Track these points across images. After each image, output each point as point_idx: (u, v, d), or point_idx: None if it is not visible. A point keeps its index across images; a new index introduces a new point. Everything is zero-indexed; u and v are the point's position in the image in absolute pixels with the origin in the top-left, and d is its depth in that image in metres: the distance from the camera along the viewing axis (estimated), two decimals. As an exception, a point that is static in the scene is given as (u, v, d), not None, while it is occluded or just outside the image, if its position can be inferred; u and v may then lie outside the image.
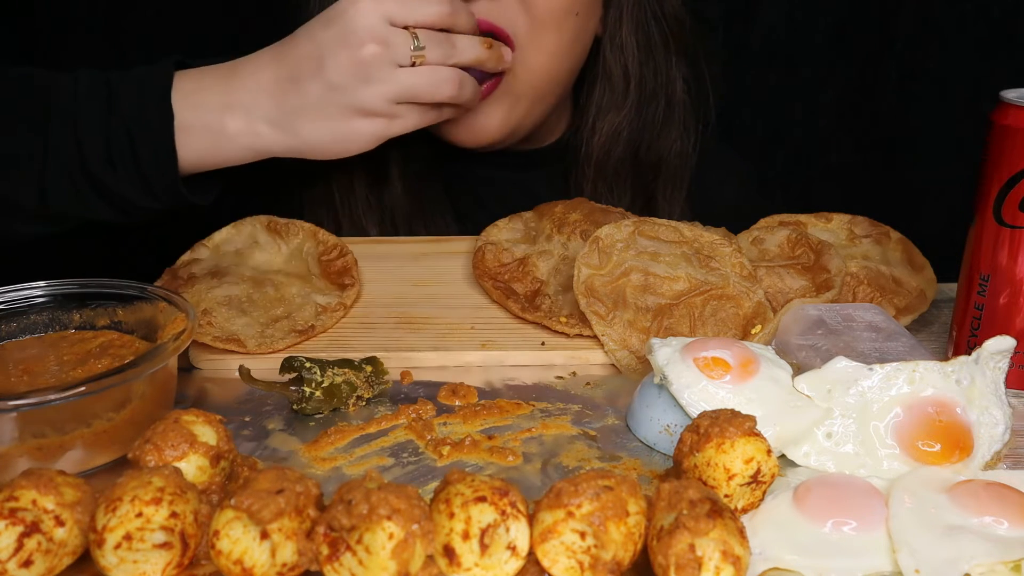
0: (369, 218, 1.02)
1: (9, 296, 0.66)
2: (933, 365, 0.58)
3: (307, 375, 0.65)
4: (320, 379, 0.65)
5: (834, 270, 0.77)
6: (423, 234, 1.03)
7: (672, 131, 1.06)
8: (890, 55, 1.58)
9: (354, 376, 0.66)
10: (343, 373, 0.66)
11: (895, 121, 1.62)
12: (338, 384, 0.65)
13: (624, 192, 1.06)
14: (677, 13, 1.03)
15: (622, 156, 1.04)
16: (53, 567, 0.46)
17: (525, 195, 0.96)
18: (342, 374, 0.66)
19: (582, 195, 1.03)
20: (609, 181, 1.05)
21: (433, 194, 1.05)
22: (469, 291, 0.84)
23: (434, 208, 1.05)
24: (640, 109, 1.03)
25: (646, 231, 0.79)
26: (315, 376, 0.65)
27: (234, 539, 0.45)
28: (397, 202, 1.03)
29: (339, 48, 0.79)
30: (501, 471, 0.59)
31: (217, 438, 0.53)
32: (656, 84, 1.03)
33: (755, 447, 0.51)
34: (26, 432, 0.55)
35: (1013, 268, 0.65)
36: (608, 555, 0.45)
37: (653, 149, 1.05)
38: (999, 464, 0.58)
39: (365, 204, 1.02)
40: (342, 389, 0.65)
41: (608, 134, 1.03)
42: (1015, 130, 0.63)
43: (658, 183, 1.07)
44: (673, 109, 1.05)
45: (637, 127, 1.04)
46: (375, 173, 1.02)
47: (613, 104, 1.03)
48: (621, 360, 0.72)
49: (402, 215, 1.03)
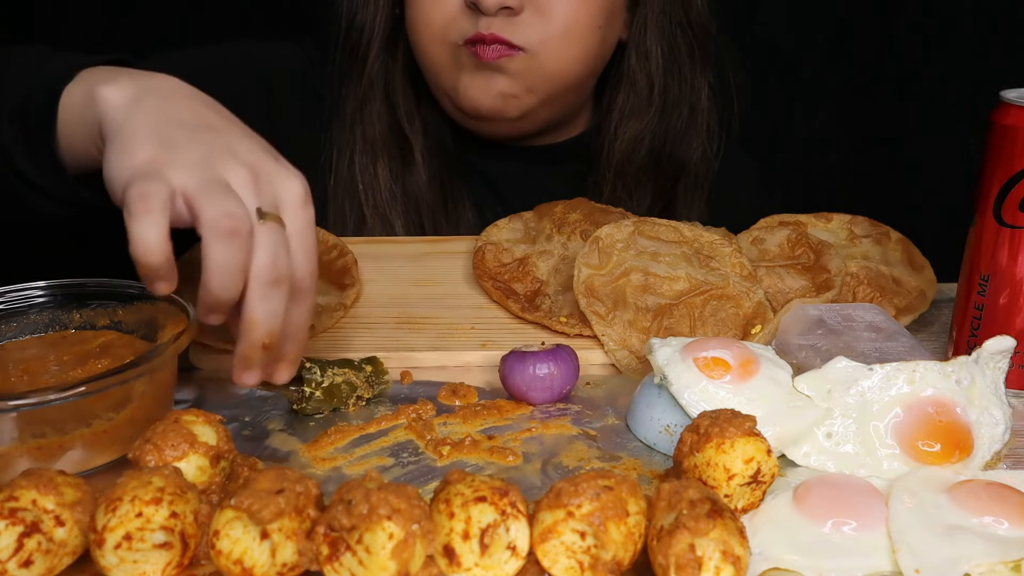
0: (393, 209, 1.02)
1: (9, 296, 0.66)
2: (933, 365, 0.58)
3: (307, 375, 0.65)
4: (320, 379, 0.65)
5: (834, 270, 0.78)
6: (444, 223, 1.04)
7: (694, 138, 1.06)
8: (890, 55, 1.58)
9: (354, 376, 0.66)
10: (343, 373, 0.66)
11: (895, 121, 1.62)
12: (338, 384, 0.65)
13: (644, 196, 1.06)
14: (703, 21, 1.03)
15: (644, 161, 1.05)
16: (53, 567, 0.46)
17: (543, 193, 0.96)
18: (342, 374, 0.66)
19: (602, 197, 1.03)
20: (629, 185, 1.05)
21: (456, 181, 1.06)
22: (469, 291, 0.84)
23: (456, 196, 1.05)
24: (663, 116, 1.03)
25: (646, 231, 0.79)
26: (315, 376, 0.65)
27: (234, 539, 0.45)
28: (421, 190, 1.03)
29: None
30: (501, 471, 0.59)
31: (217, 438, 0.53)
32: (680, 92, 1.03)
33: (755, 447, 0.51)
34: (26, 432, 0.55)
35: (1013, 268, 0.65)
36: (608, 555, 0.45)
37: (675, 155, 1.06)
38: (999, 464, 0.58)
39: (389, 194, 1.02)
40: (342, 389, 0.65)
41: (630, 139, 1.03)
42: (1015, 130, 0.63)
43: (678, 189, 1.07)
44: (696, 117, 1.05)
45: (660, 133, 1.04)
46: (399, 162, 1.02)
47: (636, 110, 1.03)
48: (621, 360, 0.72)
49: (426, 206, 1.03)
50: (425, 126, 1.03)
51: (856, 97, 1.61)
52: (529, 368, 0.65)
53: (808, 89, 1.62)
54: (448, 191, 1.04)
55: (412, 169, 1.03)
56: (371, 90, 1.02)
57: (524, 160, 1.08)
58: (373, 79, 1.02)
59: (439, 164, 1.04)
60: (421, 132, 1.03)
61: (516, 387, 0.66)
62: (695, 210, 1.08)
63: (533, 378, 0.65)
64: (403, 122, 1.02)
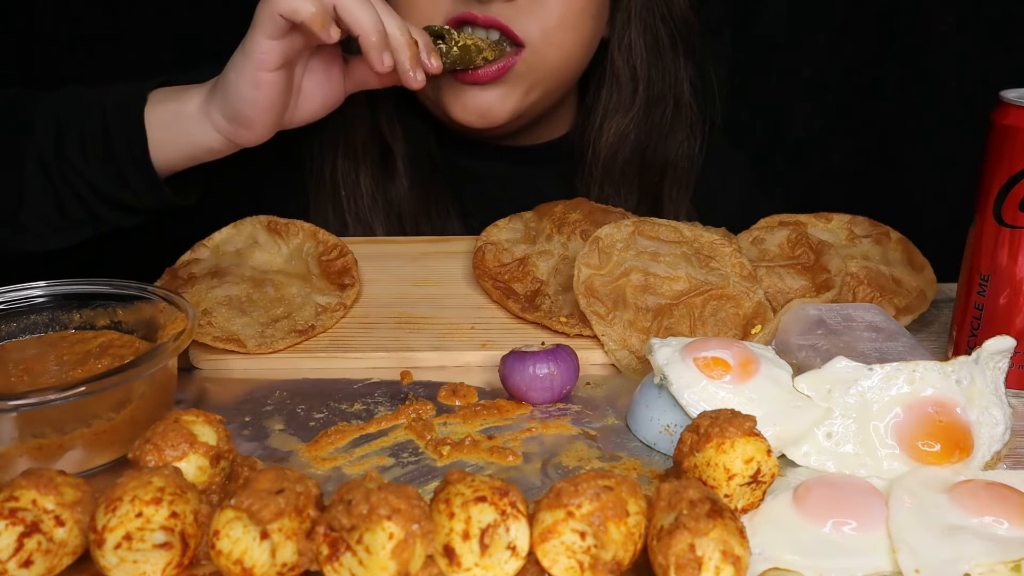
0: (375, 215, 1.02)
1: (9, 296, 0.66)
2: (933, 365, 0.58)
3: (447, 35, 0.82)
4: (456, 39, 0.82)
5: (834, 270, 0.78)
6: (428, 230, 1.03)
7: (679, 133, 1.05)
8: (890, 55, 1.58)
9: (480, 41, 0.85)
10: (472, 37, 0.85)
11: (895, 121, 1.61)
12: (468, 46, 0.83)
13: (631, 193, 1.06)
14: (685, 15, 1.03)
15: (629, 158, 1.04)
16: (53, 567, 0.46)
17: (530, 193, 0.96)
18: (471, 38, 0.85)
19: (588, 195, 1.03)
20: (616, 182, 1.05)
21: (438, 189, 1.05)
22: (469, 291, 0.84)
23: (439, 203, 1.05)
24: (648, 111, 1.03)
25: (646, 231, 0.79)
26: (453, 36, 0.82)
27: (234, 539, 0.45)
28: (403, 197, 1.03)
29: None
30: (501, 471, 0.59)
31: (217, 438, 0.53)
32: (664, 86, 1.03)
33: (755, 447, 0.51)
34: (26, 432, 0.55)
35: (1013, 268, 0.65)
36: (608, 555, 0.45)
37: (660, 151, 1.05)
38: (999, 464, 0.58)
39: (371, 200, 1.02)
40: (471, 49, 0.83)
41: (615, 136, 1.03)
42: (1015, 130, 0.63)
43: (664, 185, 1.07)
44: (680, 111, 1.05)
45: (644, 129, 1.04)
46: (381, 169, 1.02)
47: (621, 106, 1.02)
48: (621, 360, 0.72)
49: (408, 211, 1.03)
50: (407, 133, 1.03)
51: (856, 97, 1.61)
52: (529, 368, 0.65)
53: (808, 89, 1.62)
54: (431, 199, 1.04)
55: (394, 176, 1.02)
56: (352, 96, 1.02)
57: (509, 162, 1.08)
58: None
59: (421, 172, 1.04)
60: (403, 140, 1.02)
61: (516, 387, 0.66)
62: (682, 206, 1.07)
63: (533, 378, 0.65)
64: (384, 129, 1.02)
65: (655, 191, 1.07)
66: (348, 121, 1.01)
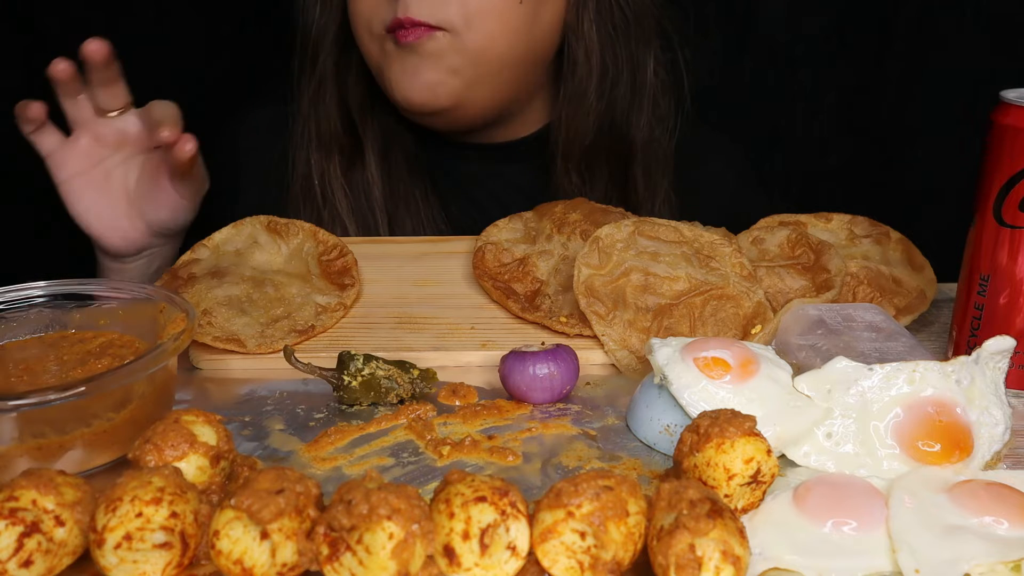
0: (347, 210, 1.03)
1: (9, 296, 0.66)
2: (933, 365, 0.58)
3: (349, 364, 0.65)
4: (361, 368, 0.65)
5: (834, 270, 0.77)
6: (407, 229, 1.04)
7: (642, 115, 1.05)
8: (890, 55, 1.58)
9: (398, 375, 0.66)
10: (387, 368, 0.66)
11: (895, 122, 1.61)
12: (378, 378, 0.65)
13: (600, 179, 1.05)
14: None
15: (592, 143, 1.04)
16: (53, 567, 0.46)
17: (508, 188, 0.95)
18: (386, 369, 0.66)
19: (560, 186, 1.03)
20: (582, 170, 1.04)
21: (417, 188, 1.06)
22: (469, 291, 0.84)
23: (416, 201, 1.05)
24: (603, 94, 1.02)
25: (646, 231, 0.79)
26: (357, 365, 0.65)
27: (234, 539, 0.45)
28: (374, 195, 1.04)
29: None
30: (501, 471, 0.59)
31: (217, 438, 0.53)
32: (618, 69, 1.02)
33: (755, 447, 0.51)
34: (26, 432, 0.55)
35: (1013, 268, 0.65)
36: (608, 555, 0.45)
37: (623, 134, 1.05)
38: (999, 464, 0.58)
39: (343, 194, 1.03)
40: (381, 384, 0.65)
41: (576, 122, 1.03)
42: (1015, 130, 0.63)
43: (634, 169, 1.06)
44: (640, 93, 1.04)
45: (601, 111, 1.03)
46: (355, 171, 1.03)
47: (578, 92, 1.02)
48: (621, 360, 0.72)
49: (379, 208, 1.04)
50: (380, 128, 1.04)
51: (856, 97, 1.61)
52: (529, 368, 0.65)
53: (808, 89, 1.62)
54: (399, 194, 1.05)
55: (364, 171, 1.03)
56: (322, 88, 1.02)
57: (485, 158, 1.08)
58: (324, 78, 1.02)
59: (393, 166, 1.04)
60: (375, 134, 1.03)
61: (516, 387, 0.66)
62: (659, 191, 1.07)
63: (533, 378, 0.65)
64: (357, 123, 1.03)
65: (625, 175, 1.07)
66: (320, 115, 1.02)
